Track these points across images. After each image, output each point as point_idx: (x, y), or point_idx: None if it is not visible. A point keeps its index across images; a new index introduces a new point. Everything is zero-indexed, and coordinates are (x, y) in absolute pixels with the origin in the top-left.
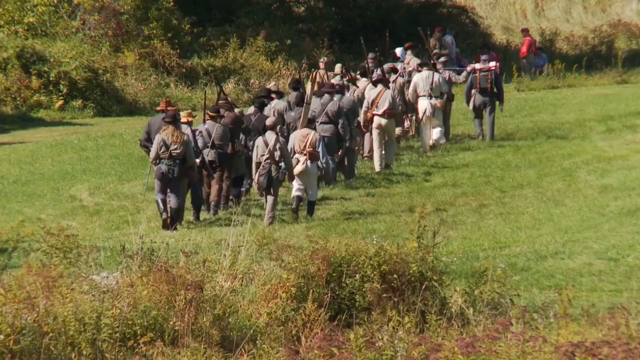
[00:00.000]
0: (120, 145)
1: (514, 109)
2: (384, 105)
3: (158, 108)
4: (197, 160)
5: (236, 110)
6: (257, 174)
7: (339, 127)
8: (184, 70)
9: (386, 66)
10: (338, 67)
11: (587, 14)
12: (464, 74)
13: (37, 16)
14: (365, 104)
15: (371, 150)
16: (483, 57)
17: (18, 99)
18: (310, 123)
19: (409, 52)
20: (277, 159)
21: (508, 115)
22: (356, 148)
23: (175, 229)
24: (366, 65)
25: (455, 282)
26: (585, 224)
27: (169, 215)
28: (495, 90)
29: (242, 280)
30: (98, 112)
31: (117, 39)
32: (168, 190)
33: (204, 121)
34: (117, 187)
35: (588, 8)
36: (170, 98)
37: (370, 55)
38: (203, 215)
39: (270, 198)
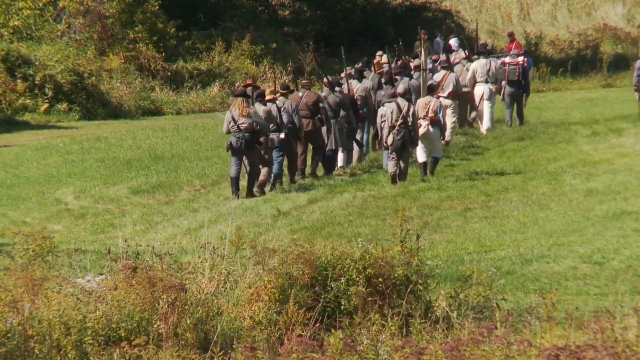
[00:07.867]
0: (105, 149)
1: (499, 112)
2: (448, 88)
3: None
4: (282, 135)
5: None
6: (391, 136)
7: None
8: (169, 73)
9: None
10: (385, 58)
11: (573, 17)
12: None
13: (23, 19)
14: None
15: None
16: (513, 51)
17: (3, 102)
18: (430, 91)
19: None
20: (409, 123)
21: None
22: None
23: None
24: (419, 52)
25: (441, 285)
26: (571, 228)
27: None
28: (523, 82)
29: (227, 284)
30: (83, 115)
31: (103, 43)
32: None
33: None
34: (103, 190)
35: (573, 12)
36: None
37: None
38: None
39: (397, 162)
